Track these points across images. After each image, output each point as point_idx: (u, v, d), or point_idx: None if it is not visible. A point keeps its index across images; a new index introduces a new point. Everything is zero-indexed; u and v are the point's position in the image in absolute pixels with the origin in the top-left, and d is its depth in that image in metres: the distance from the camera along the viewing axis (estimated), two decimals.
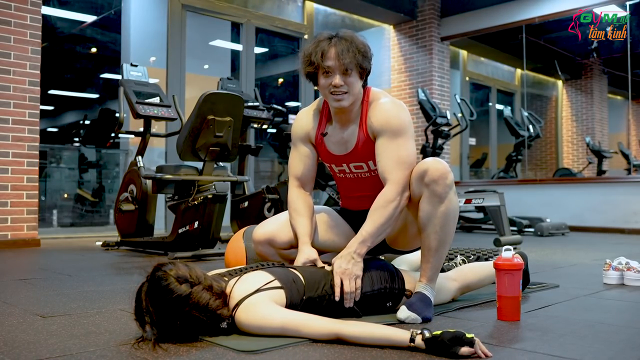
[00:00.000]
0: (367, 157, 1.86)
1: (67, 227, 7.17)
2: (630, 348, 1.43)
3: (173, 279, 1.42)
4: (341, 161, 1.92)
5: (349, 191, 2.01)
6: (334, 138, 1.91)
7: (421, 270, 1.78)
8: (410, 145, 1.80)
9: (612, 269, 2.46)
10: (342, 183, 2.02)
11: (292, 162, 2.01)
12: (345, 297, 1.65)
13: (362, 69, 1.80)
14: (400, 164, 1.77)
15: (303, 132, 1.97)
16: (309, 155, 1.98)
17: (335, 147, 1.92)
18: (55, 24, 7.88)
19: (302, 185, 1.98)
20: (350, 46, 1.76)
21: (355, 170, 1.92)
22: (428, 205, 1.72)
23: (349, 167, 1.92)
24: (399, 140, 1.79)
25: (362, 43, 1.80)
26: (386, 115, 1.81)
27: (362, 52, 1.78)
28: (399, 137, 1.79)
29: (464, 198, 4.52)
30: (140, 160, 3.88)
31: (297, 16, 7.23)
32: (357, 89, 1.82)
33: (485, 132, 8.97)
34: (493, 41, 8.36)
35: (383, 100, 1.85)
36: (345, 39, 1.78)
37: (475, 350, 1.30)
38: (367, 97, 1.88)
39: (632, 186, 6.10)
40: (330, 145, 1.92)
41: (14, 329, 1.61)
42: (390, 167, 1.78)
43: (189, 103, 5.81)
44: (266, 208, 4.27)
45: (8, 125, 4.31)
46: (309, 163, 1.98)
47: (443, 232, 1.73)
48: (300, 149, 1.98)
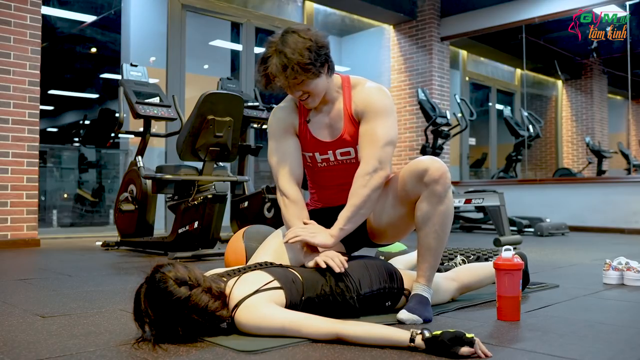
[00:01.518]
0: (355, 141, 1.84)
1: (67, 227, 7.17)
2: (630, 348, 1.43)
3: (172, 281, 1.42)
4: (327, 148, 1.88)
5: (329, 180, 1.93)
6: (318, 124, 1.87)
7: (418, 270, 1.77)
8: (388, 124, 1.79)
9: (612, 269, 2.46)
10: (321, 174, 1.94)
11: (279, 157, 1.88)
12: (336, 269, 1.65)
13: (315, 72, 1.72)
14: (374, 142, 1.76)
15: (285, 124, 1.90)
16: (295, 147, 1.90)
17: (322, 133, 1.87)
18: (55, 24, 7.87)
19: (296, 181, 1.88)
20: (289, 61, 1.67)
21: (341, 157, 1.88)
22: (427, 205, 1.72)
23: (334, 155, 1.88)
24: (377, 120, 1.78)
25: (302, 49, 1.68)
26: (370, 98, 1.81)
27: (304, 60, 1.67)
28: (378, 118, 1.79)
29: (464, 198, 4.52)
30: (140, 160, 3.88)
31: (297, 16, 7.22)
32: (321, 87, 1.78)
33: (485, 132, 8.97)
34: (493, 41, 8.36)
35: (368, 85, 1.85)
36: (284, 53, 1.68)
37: (475, 350, 1.30)
38: (347, 83, 1.86)
39: (632, 186, 6.10)
40: (315, 131, 1.88)
41: (14, 329, 1.61)
42: (363, 145, 1.79)
43: (189, 103, 5.81)
44: (266, 208, 4.27)
45: (8, 125, 4.31)
46: (297, 156, 1.90)
47: (442, 231, 1.74)
48: (284, 143, 1.89)
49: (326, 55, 1.76)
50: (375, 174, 1.75)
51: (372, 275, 1.74)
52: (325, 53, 1.75)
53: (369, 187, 1.74)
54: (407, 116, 7.61)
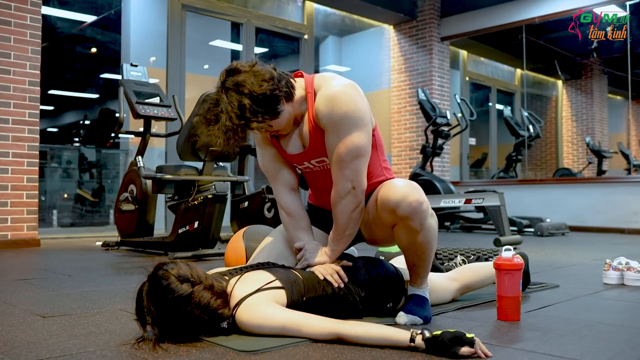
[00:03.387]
0: (323, 150, 1.70)
1: (67, 227, 7.17)
2: (630, 348, 1.43)
3: (174, 278, 1.42)
4: (301, 159, 1.76)
5: (320, 183, 1.83)
6: (287, 136, 1.74)
7: (411, 275, 1.76)
8: (353, 136, 1.60)
9: (612, 269, 2.46)
10: (309, 177, 1.85)
11: (268, 165, 1.82)
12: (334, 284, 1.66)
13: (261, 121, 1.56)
14: (340, 161, 1.62)
15: (261, 136, 1.77)
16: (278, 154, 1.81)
17: (292, 146, 1.75)
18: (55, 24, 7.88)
19: (291, 187, 1.83)
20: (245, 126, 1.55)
21: (319, 164, 1.76)
22: (404, 235, 1.65)
23: (310, 163, 1.77)
24: (339, 134, 1.61)
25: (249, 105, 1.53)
26: (330, 105, 1.60)
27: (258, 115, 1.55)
28: (341, 130, 1.61)
29: (464, 198, 4.52)
30: (140, 160, 3.88)
31: (297, 16, 7.22)
32: (284, 119, 1.63)
33: (485, 132, 8.97)
34: (493, 41, 8.36)
35: (328, 89, 1.63)
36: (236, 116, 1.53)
37: (476, 350, 1.30)
38: (310, 89, 1.68)
39: (632, 186, 6.10)
40: (284, 144, 1.75)
41: (14, 329, 1.61)
42: (330, 163, 1.67)
43: (189, 103, 5.81)
44: (266, 208, 4.27)
45: (8, 125, 4.31)
46: (282, 161, 1.82)
47: (425, 253, 1.67)
48: (267, 152, 1.81)
49: (274, 95, 1.56)
50: (349, 196, 1.66)
51: (372, 277, 1.74)
52: (271, 95, 1.55)
53: (346, 211, 1.68)
54: (407, 116, 7.61)
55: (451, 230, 6.28)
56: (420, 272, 1.72)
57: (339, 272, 1.69)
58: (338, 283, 1.65)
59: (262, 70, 1.57)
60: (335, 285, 1.65)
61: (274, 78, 1.57)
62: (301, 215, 1.82)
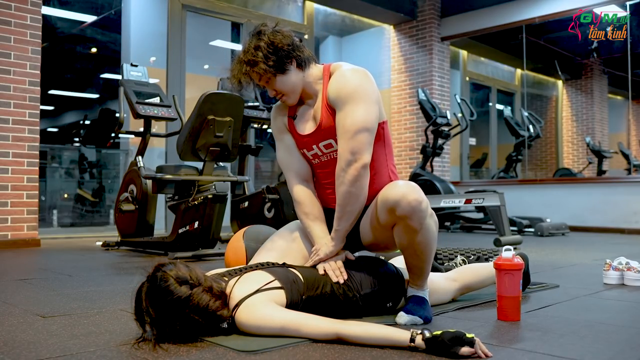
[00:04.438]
0: (333, 132, 1.76)
1: (67, 227, 7.18)
2: (630, 348, 1.43)
3: (173, 280, 1.42)
4: (311, 142, 1.82)
5: (323, 178, 1.87)
6: (303, 118, 1.84)
7: (410, 276, 1.76)
8: (361, 109, 1.68)
9: (612, 269, 2.46)
10: (317, 172, 1.89)
11: (283, 157, 1.91)
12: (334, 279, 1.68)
13: (267, 70, 1.73)
14: (345, 132, 1.68)
15: (277, 122, 1.90)
16: (295, 143, 1.88)
17: (306, 126, 1.83)
18: (55, 24, 7.88)
19: (303, 178, 1.88)
20: (252, 65, 1.73)
21: (326, 150, 1.80)
22: (404, 235, 1.65)
23: (319, 149, 1.81)
24: (347, 107, 1.69)
25: (252, 49, 1.74)
26: (339, 82, 1.72)
27: (255, 59, 1.72)
28: (348, 104, 1.69)
29: (464, 198, 4.52)
30: (140, 161, 3.88)
31: (297, 16, 7.23)
32: (290, 84, 1.77)
33: (485, 132, 8.97)
34: (493, 41, 8.36)
35: (343, 68, 1.77)
36: (251, 54, 1.73)
37: (476, 350, 1.30)
38: (327, 72, 1.81)
39: (632, 186, 6.10)
40: (299, 126, 1.84)
41: (14, 329, 1.61)
42: (337, 137, 1.72)
43: (189, 103, 5.81)
44: (266, 208, 4.27)
45: (8, 125, 4.31)
46: (300, 153, 1.88)
47: (424, 254, 1.68)
48: (284, 141, 1.90)
49: (287, 51, 1.73)
50: (349, 168, 1.67)
51: (372, 276, 1.74)
52: (285, 50, 1.73)
53: (345, 183, 1.69)
54: (407, 116, 7.61)
55: (451, 230, 6.28)
56: (419, 273, 1.73)
57: (340, 268, 1.70)
58: (338, 278, 1.66)
59: (284, 30, 1.79)
60: (335, 280, 1.65)
61: (292, 41, 1.78)
62: (313, 204, 1.85)
